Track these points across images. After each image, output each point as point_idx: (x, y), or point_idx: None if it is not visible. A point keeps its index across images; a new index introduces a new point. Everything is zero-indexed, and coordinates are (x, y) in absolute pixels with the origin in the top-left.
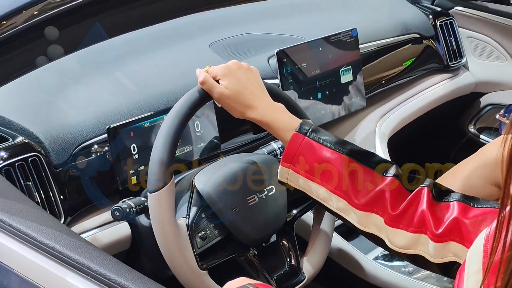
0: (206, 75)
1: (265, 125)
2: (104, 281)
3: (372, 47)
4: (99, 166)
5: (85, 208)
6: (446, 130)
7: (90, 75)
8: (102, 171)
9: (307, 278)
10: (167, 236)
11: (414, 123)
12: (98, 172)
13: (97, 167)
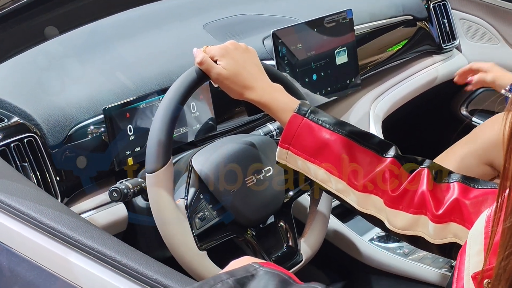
0: (204, 55)
1: (263, 106)
2: (107, 260)
3: (365, 29)
4: (95, 147)
5: (82, 189)
6: (439, 112)
7: (85, 56)
8: (98, 152)
9: (305, 259)
10: (166, 217)
11: (407, 105)
12: (94, 153)
13: (93, 148)
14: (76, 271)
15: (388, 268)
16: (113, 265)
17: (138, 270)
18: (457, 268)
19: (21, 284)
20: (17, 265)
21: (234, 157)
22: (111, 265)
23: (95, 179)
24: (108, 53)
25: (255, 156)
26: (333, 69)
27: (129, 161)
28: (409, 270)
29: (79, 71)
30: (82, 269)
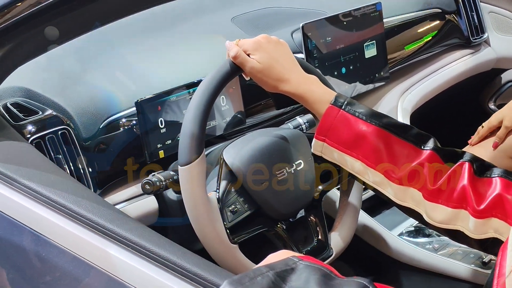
0: (238, 49)
1: (299, 98)
2: (144, 252)
3: (394, 22)
4: (127, 140)
5: (114, 181)
6: (467, 107)
7: (115, 50)
8: (130, 144)
9: (335, 253)
10: (199, 210)
11: (435, 99)
12: (126, 146)
13: (125, 141)
14: (114, 262)
15: (417, 263)
16: (151, 257)
17: (176, 262)
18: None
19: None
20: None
21: (266, 151)
22: (149, 257)
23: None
24: (138, 46)
25: (286, 150)
26: (362, 62)
27: (160, 154)
28: (439, 265)
29: (111, 64)
30: (120, 260)
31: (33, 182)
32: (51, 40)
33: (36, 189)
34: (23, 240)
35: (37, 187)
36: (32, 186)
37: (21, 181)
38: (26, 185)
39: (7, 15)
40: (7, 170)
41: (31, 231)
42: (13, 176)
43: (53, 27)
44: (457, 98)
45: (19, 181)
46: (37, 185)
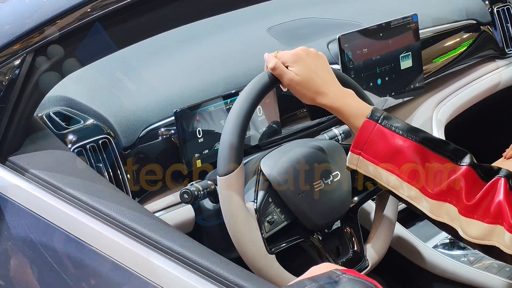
0: (276, 60)
1: (336, 111)
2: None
3: (428, 33)
4: (165, 149)
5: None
6: (502, 118)
7: (153, 60)
8: (168, 153)
9: (371, 265)
10: (237, 220)
11: (470, 110)
12: (164, 155)
13: (163, 150)
14: (156, 271)
15: (452, 276)
16: (192, 266)
17: (219, 273)
18: None
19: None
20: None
21: (303, 161)
22: (191, 266)
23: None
24: (173, 57)
25: (323, 161)
26: (397, 73)
27: (197, 163)
28: (475, 278)
29: (150, 74)
30: (162, 269)
31: (77, 190)
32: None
33: (80, 197)
34: (68, 248)
35: (81, 195)
36: (76, 194)
37: (66, 189)
38: (71, 193)
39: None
40: (52, 178)
41: (76, 239)
42: (57, 184)
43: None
44: (493, 110)
45: (63, 190)
46: (81, 194)
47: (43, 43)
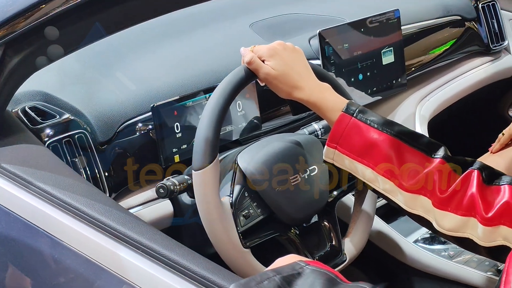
0: (252, 55)
1: (312, 105)
2: (155, 255)
3: (413, 29)
4: (143, 144)
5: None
6: (486, 114)
7: (133, 54)
8: (146, 148)
9: (349, 259)
10: (212, 214)
11: (454, 106)
12: (142, 150)
13: (140, 145)
14: (125, 265)
15: (432, 270)
16: (161, 260)
17: (186, 266)
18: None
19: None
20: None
21: (280, 156)
22: (160, 260)
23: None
24: (155, 52)
25: (300, 155)
26: (379, 69)
27: (175, 158)
28: (454, 272)
29: (128, 69)
30: (131, 263)
31: (48, 185)
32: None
33: (51, 192)
34: (37, 242)
35: (52, 190)
36: (46, 188)
37: (36, 183)
38: (41, 187)
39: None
40: (23, 173)
41: (45, 233)
42: (28, 178)
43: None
44: (477, 106)
45: (34, 184)
46: (52, 188)
47: (13, 36)
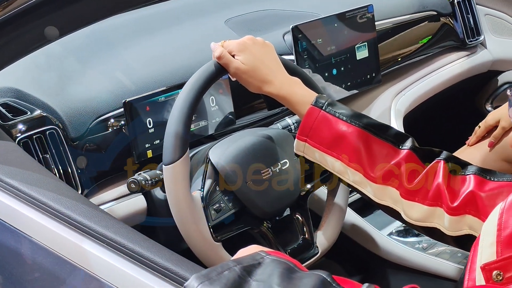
0: (222, 49)
1: (282, 99)
2: (119, 248)
3: (388, 24)
4: (116, 140)
5: (102, 181)
6: (463, 109)
7: (106, 51)
8: (119, 144)
9: (321, 252)
10: (182, 208)
11: (430, 101)
12: (115, 146)
13: (113, 141)
14: (90, 258)
15: (406, 262)
16: (125, 253)
17: (150, 258)
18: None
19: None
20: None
21: (251, 150)
22: (124, 253)
23: (115, 171)
24: (130, 48)
25: (271, 149)
26: (353, 64)
27: (148, 154)
28: (428, 264)
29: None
30: (95, 256)
31: (15, 180)
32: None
33: (18, 186)
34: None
35: (19, 185)
36: (13, 183)
37: (3, 178)
38: (8, 182)
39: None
40: None
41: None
42: None
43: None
44: (454, 100)
45: (1, 179)
46: (19, 183)
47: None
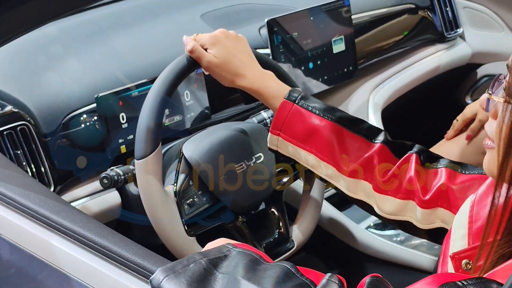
0: (194, 43)
1: (255, 93)
2: (87, 243)
3: (366, 18)
4: (89, 135)
5: (75, 177)
6: (442, 102)
7: (80, 45)
8: (92, 140)
9: (297, 245)
10: (154, 203)
11: (409, 94)
12: (88, 141)
13: (86, 136)
14: (58, 253)
15: (384, 255)
16: (93, 248)
17: (117, 252)
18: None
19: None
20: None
21: (225, 144)
22: (92, 248)
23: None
24: (103, 43)
25: (245, 143)
26: (330, 57)
27: (122, 149)
28: (405, 257)
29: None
30: (63, 252)
31: None
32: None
33: None
34: None
35: None
36: None
37: None
38: None
39: None
40: None
41: None
42: None
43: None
44: (433, 93)
45: None
46: None
47: None
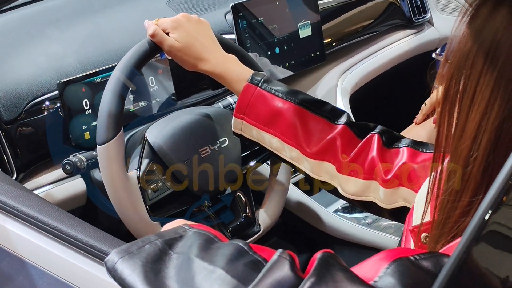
0: (155, 27)
1: (218, 77)
2: (43, 227)
3: (333, 3)
4: (52, 122)
5: (39, 164)
6: (411, 86)
7: (42, 31)
8: (55, 127)
9: (263, 229)
10: (117, 188)
11: (378, 79)
12: (51, 128)
13: (49, 123)
14: (13, 238)
15: (352, 238)
16: (49, 232)
17: (73, 235)
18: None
19: None
20: None
21: (188, 129)
22: (48, 232)
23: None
24: (67, 29)
25: (210, 128)
26: (296, 42)
27: (85, 135)
28: (373, 239)
29: (36, 45)
30: (19, 236)
31: None
32: None
33: None
34: None
35: None
36: None
37: None
38: None
39: None
40: None
41: None
42: None
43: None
44: (403, 78)
45: None
46: None
47: None
